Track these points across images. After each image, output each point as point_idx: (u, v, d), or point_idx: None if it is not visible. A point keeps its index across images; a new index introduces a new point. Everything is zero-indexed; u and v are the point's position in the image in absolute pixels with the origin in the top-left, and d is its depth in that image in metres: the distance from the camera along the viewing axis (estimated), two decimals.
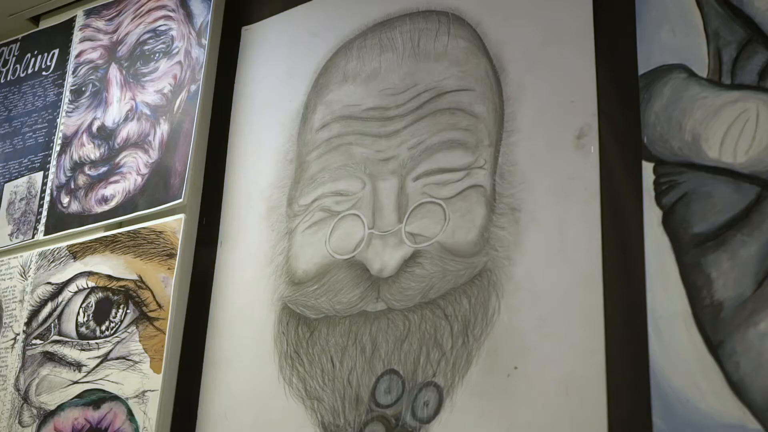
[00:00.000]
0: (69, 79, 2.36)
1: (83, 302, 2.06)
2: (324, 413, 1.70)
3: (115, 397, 1.91)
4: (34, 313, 2.13)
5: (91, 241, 2.12)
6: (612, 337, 1.48)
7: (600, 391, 1.45)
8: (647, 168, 1.51)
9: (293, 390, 1.76)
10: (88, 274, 2.08)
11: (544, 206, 1.61)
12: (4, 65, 2.55)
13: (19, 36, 2.57)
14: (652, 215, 1.49)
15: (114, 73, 2.28)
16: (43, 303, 2.13)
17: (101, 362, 1.97)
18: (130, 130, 2.18)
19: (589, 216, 1.56)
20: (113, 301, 2.01)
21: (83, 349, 2.00)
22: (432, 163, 1.74)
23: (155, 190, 2.06)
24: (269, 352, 1.82)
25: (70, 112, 2.32)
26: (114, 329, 1.98)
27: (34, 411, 2.02)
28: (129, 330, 1.96)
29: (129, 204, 2.10)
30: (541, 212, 1.61)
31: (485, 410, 1.54)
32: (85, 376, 1.98)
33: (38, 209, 2.26)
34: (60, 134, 2.31)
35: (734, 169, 1.42)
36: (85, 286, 2.07)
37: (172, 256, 1.96)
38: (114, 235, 2.09)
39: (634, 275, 1.48)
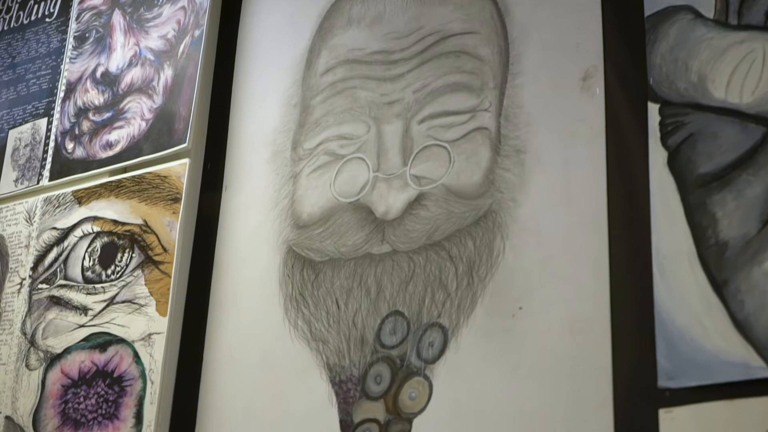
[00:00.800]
0: (72, 26, 2.36)
1: (89, 247, 2.06)
2: (329, 355, 1.71)
3: (121, 340, 1.92)
4: (39, 258, 2.13)
5: (95, 187, 2.12)
6: (617, 277, 1.48)
7: (605, 331, 1.46)
8: (653, 109, 1.51)
9: (298, 332, 1.76)
10: (94, 219, 2.09)
11: (549, 148, 1.61)
12: (7, 12, 2.54)
13: None
14: (657, 156, 1.48)
15: (117, 18, 2.27)
16: (48, 248, 2.13)
17: (107, 306, 1.98)
18: (134, 75, 2.17)
19: (594, 157, 1.56)
20: (119, 245, 2.02)
21: (89, 293, 2.01)
22: (437, 106, 1.74)
23: (159, 135, 2.06)
24: (274, 295, 1.82)
25: (74, 58, 2.32)
26: (119, 273, 1.99)
27: (41, 354, 2.03)
28: (134, 274, 1.96)
29: (133, 149, 2.10)
30: (546, 154, 1.61)
31: (490, 350, 1.55)
32: (91, 320, 1.99)
33: (43, 155, 2.27)
34: (64, 80, 2.31)
35: (740, 110, 1.42)
36: (91, 231, 2.08)
37: (176, 200, 1.97)
38: (119, 180, 2.09)
39: (639, 216, 1.48)
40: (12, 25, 2.51)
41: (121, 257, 2.00)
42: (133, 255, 1.98)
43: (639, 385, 1.40)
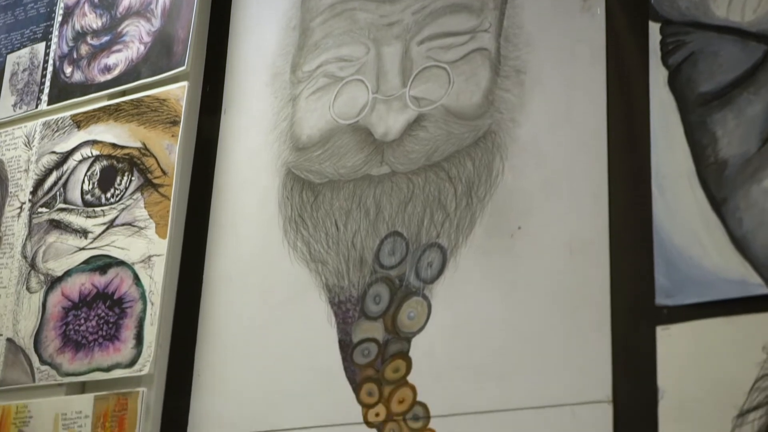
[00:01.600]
0: None
1: (88, 170, 2.06)
2: (328, 275, 1.72)
3: (121, 263, 1.93)
4: (39, 182, 2.13)
5: (94, 110, 2.12)
6: (616, 197, 1.48)
7: (603, 250, 1.46)
8: (654, 28, 1.50)
9: (298, 253, 1.77)
10: (93, 142, 2.08)
11: (549, 68, 1.60)
12: None
13: None
14: (658, 75, 1.48)
15: None
16: (48, 172, 2.13)
17: (107, 229, 1.98)
18: None
19: (594, 78, 1.55)
20: (118, 168, 2.01)
21: (89, 216, 2.01)
22: (436, 27, 1.73)
23: (158, 58, 2.04)
24: (274, 217, 1.82)
25: None
26: (119, 196, 1.99)
27: (42, 277, 2.03)
28: (134, 197, 1.96)
29: (132, 72, 2.09)
30: (547, 75, 1.60)
31: (488, 270, 1.55)
32: (91, 243, 1.99)
33: (41, 80, 2.25)
34: (62, 4, 2.29)
35: (742, 28, 1.41)
36: (90, 155, 2.07)
37: (175, 123, 1.96)
38: (117, 104, 2.08)
39: (639, 136, 1.48)
40: None
41: (121, 180, 2.00)
42: (133, 178, 1.98)
43: (637, 303, 1.41)
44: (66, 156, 2.11)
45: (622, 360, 1.40)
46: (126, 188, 1.98)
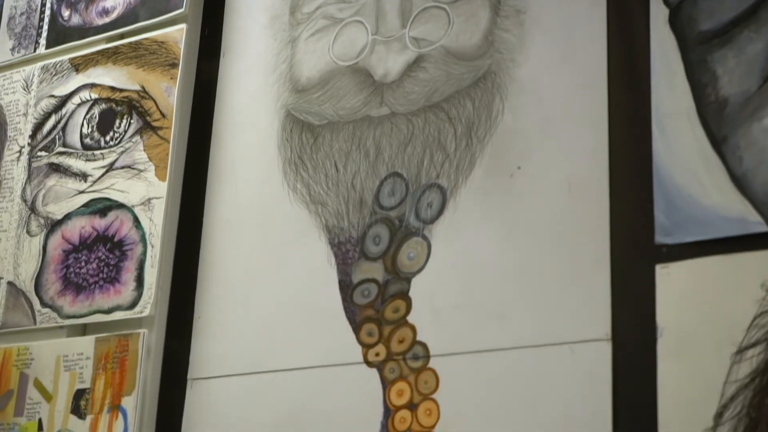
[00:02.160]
0: None
1: (87, 114, 2.05)
2: (328, 217, 1.72)
3: (121, 205, 1.93)
4: (38, 126, 2.13)
5: (92, 54, 2.11)
6: (616, 136, 1.48)
7: (603, 189, 1.46)
8: None
9: (297, 195, 1.77)
10: (91, 86, 2.08)
11: (549, 8, 1.59)
12: None
13: None
14: (658, 14, 1.47)
15: None
16: (46, 115, 2.12)
17: (106, 172, 1.98)
18: None
19: (594, 17, 1.54)
20: (116, 111, 2.01)
21: (88, 160, 2.01)
22: None
23: (156, 0, 2.03)
24: (273, 159, 1.82)
25: None
26: (118, 139, 1.98)
27: (42, 221, 2.03)
28: (133, 140, 1.96)
29: (130, 15, 2.07)
30: (547, 14, 1.59)
31: (488, 210, 1.55)
32: (90, 186, 1.99)
33: (39, 23, 2.24)
34: None
35: None
36: (88, 98, 2.07)
37: (174, 66, 1.95)
38: (116, 47, 2.07)
39: (639, 75, 1.47)
40: None
41: (120, 123, 1.99)
42: (132, 121, 1.98)
43: (636, 242, 1.41)
44: (65, 99, 2.10)
45: (622, 298, 1.40)
46: (125, 131, 1.98)
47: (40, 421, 1.87)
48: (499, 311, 1.50)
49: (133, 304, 1.83)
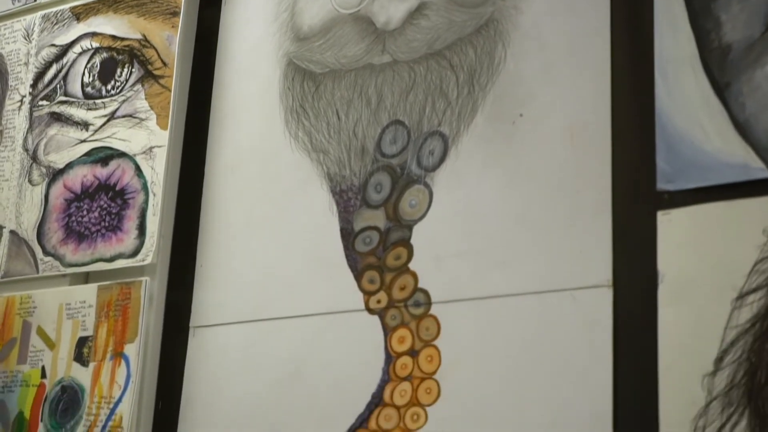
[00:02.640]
0: None
1: (88, 63, 2.05)
2: (330, 165, 1.72)
3: (122, 154, 1.92)
4: (39, 75, 2.12)
5: (93, 2, 2.09)
6: (618, 82, 1.47)
7: (605, 136, 1.45)
8: None
9: (299, 143, 1.77)
10: (92, 35, 2.07)
11: None
12: None
13: None
14: None
15: None
16: (48, 65, 2.12)
17: (108, 121, 1.97)
18: None
19: None
20: (118, 60, 2.00)
21: (89, 109, 2.01)
22: None
23: None
24: (275, 108, 1.82)
25: None
26: (119, 88, 1.98)
27: (43, 170, 2.03)
28: (134, 88, 1.95)
29: None
30: None
31: (490, 157, 1.55)
32: (92, 135, 1.98)
33: None
34: None
35: None
36: (90, 47, 2.06)
37: (175, 14, 1.94)
38: None
39: (642, 21, 1.46)
40: None
41: (121, 72, 1.99)
42: (133, 70, 1.97)
43: (638, 189, 1.41)
44: (66, 49, 2.10)
45: (623, 245, 1.41)
46: (126, 80, 1.97)
47: (43, 368, 1.88)
48: (501, 258, 1.50)
49: (135, 253, 1.84)
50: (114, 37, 2.03)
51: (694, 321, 1.31)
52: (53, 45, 2.12)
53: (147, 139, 1.90)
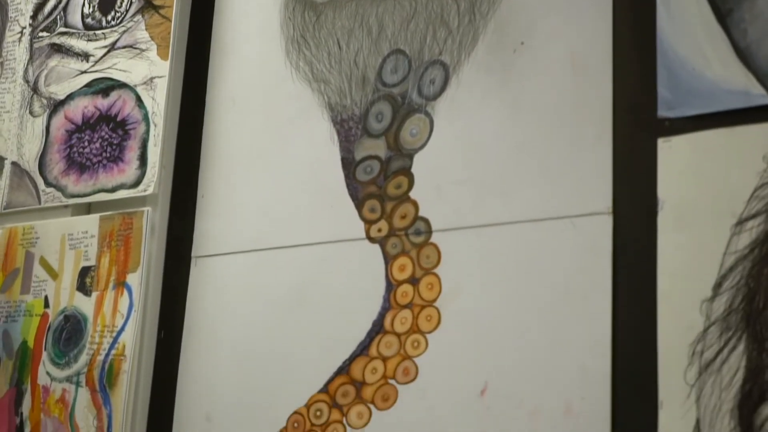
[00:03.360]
0: None
1: None
2: (331, 94, 1.71)
3: (123, 85, 1.92)
4: (39, 6, 2.11)
5: None
6: (619, 10, 1.46)
7: (606, 63, 1.45)
8: None
9: (300, 74, 1.76)
10: None
11: None
12: None
13: None
14: None
15: None
16: None
17: (108, 51, 1.97)
18: None
19: None
20: None
21: (90, 40, 2.00)
22: None
23: None
24: (275, 38, 1.81)
25: None
26: (119, 19, 1.97)
27: (44, 101, 2.03)
28: (135, 19, 1.95)
29: None
30: None
31: (491, 86, 1.55)
32: (92, 66, 1.98)
33: None
34: None
35: None
36: None
37: None
38: None
39: None
40: None
41: (121, 3, 1.98)
42: (133, 0, 1.96)
43: (639, 116, 1.40)
44: None
45: (623, 172, 1.41)
46: (126, 10, 1.96)
47: (46, 298, 1.89)
48: (501, 186, 1.50)
49: (136, 183, 1.84)
50: None
51: (693, 247, 1.31)
52: None
53: (147, 70, 1.89)
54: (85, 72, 1.98)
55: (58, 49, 2.05)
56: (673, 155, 1.36)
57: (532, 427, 1.40)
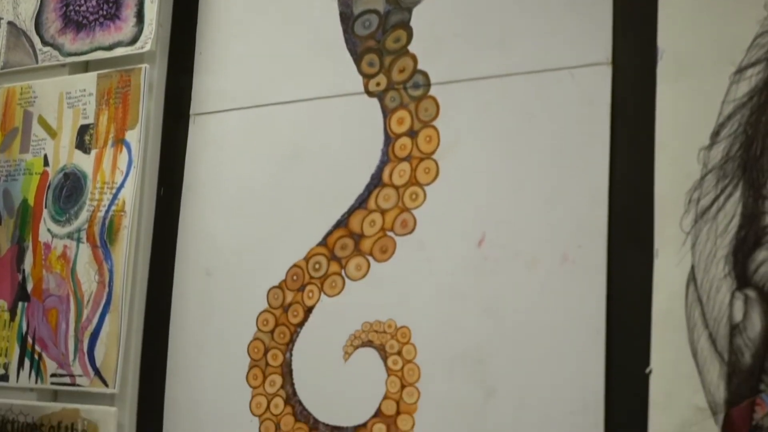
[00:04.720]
0: None
1: None
2: None
3: None
4: None
5: None
6: None
7: None
8: None
9: None
10: None
11: None
12: None
13: None
14: None
15: None
16: None
17: None
18: None
19: None
20: None
21: None
22: None
23: None
24: None
25: None
26: None
27: None
28: None
29: None
30: None
31: None
32: None
33: None
34: None
35: None
36: None
37: None
38: None
39: None
40: None
41: None
42: None
43: None
44: None
45: (623, 22, 1.40)
46: None
47: (45, 156, 1.89)
48: (500, 38, 1.49)
49: (133, 40, 1.83)
50: None
51: (692, 96, 1.31)
52: None
53: None
54: None
55: None
56: (674, 4, 1.35)
57: (529, 275, 1.41)
